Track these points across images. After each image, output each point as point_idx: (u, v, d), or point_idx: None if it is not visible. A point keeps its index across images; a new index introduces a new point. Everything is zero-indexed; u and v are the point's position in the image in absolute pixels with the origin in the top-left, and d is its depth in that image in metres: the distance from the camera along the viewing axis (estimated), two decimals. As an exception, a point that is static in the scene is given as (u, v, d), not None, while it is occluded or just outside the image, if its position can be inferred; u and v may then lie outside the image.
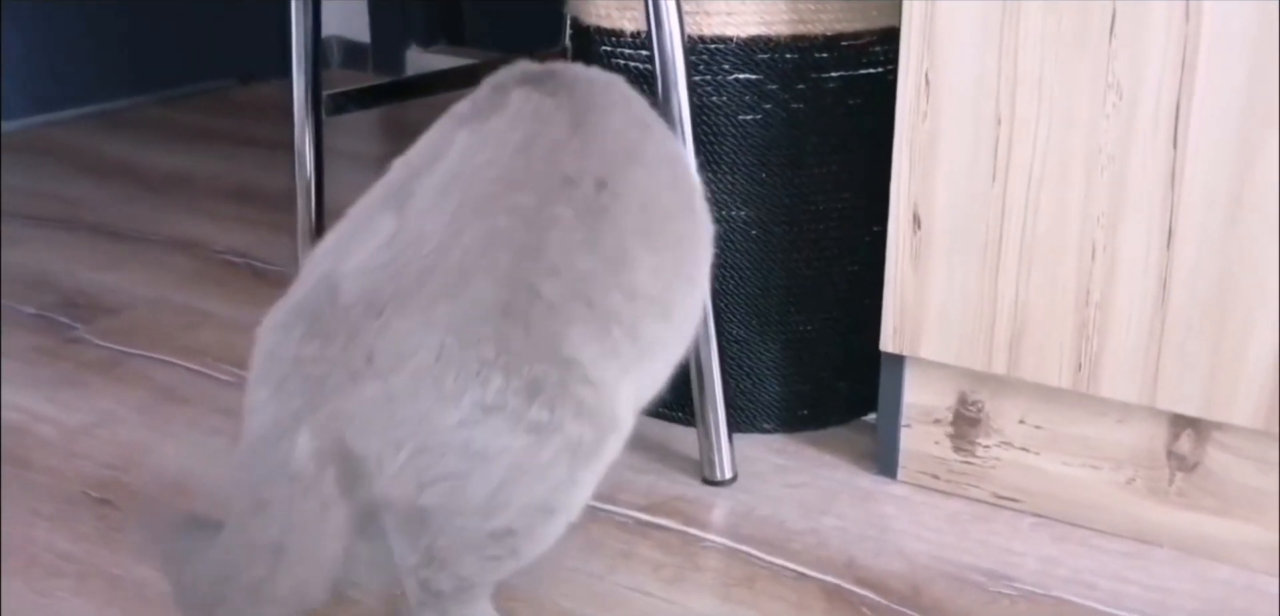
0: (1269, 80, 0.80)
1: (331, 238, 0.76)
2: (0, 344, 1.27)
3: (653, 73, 0.94)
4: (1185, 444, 0.92)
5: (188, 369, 1.22)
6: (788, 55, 1.00)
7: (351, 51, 2.53)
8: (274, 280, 1.44)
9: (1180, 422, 0.91)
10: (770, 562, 0.92)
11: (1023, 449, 0.98)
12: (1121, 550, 0.93)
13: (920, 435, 1.01)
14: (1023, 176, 0.89)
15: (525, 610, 0.86)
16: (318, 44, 1.15)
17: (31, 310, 1.36)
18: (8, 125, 2.08)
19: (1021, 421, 0.97)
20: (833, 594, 0.88)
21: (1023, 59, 0.86)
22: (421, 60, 2.23)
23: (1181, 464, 0.92)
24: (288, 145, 1.18)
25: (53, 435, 1.08)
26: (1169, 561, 0.92)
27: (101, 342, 1.28)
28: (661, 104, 0.95)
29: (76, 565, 0.90)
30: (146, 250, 1.55)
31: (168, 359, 1.24)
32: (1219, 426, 0.89)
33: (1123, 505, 0.95)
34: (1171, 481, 0.93)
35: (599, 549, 0.93)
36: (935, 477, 1.02)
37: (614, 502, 0.99)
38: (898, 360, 1.00)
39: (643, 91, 1.03)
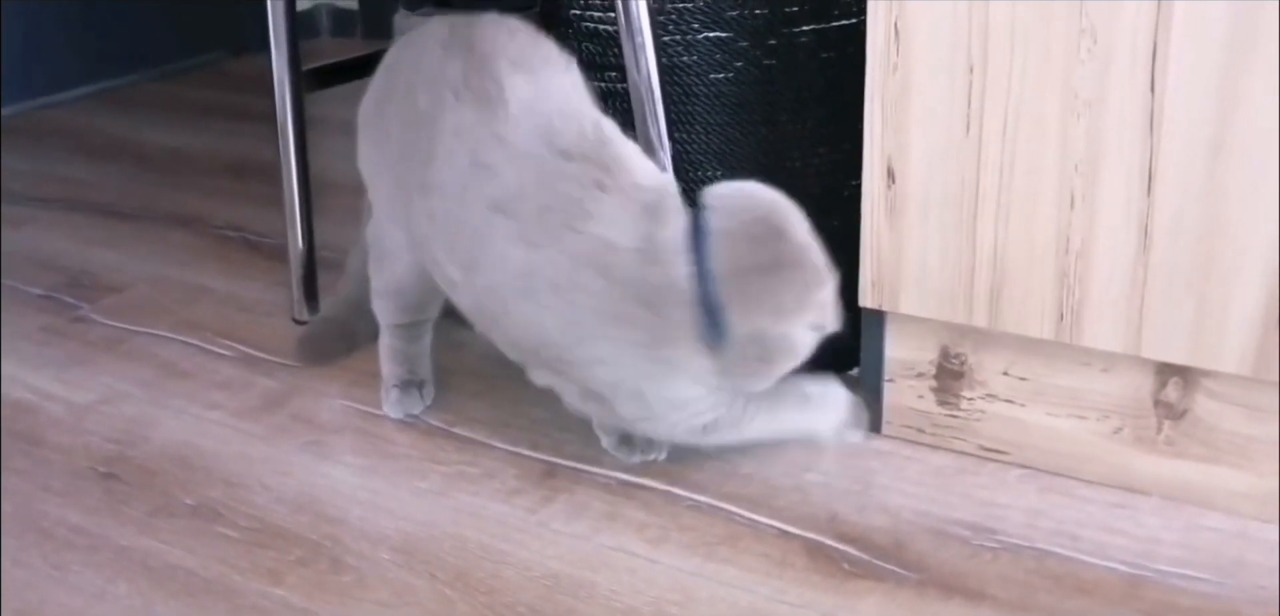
0: (1249, 20, 0.77)
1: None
2: (3, 323, 1.29)
3: (621, 33, 0.93)
4: (1172, 392, 0.90)
5: (187, 344, 1.24)
6: (757, 11, 0.98)
7: (340, 18, 2.52)
8: (269, 253, 1.45)
9: (1167, 371, 0.90)
10: (753, 520, 0.92)
11: (1007, 401, 0.97)
12: (1109, 500, 0.93)
13: (903, 389, 1.01)
14: (997, 125, 0.87)
15: (512, 573, 0.87)
16: (294, 21, 1.15)
17: (38, 291, 1.38)
18: (8, 109, 2.10)
19: (1005, 373, 0.96)
20: (815, 550, 0.89)
21: (994, 5, 0.84)
22: (410, 24, 2.22)
23: (1169, 412, 0.91)
24: (276, 118, 1.19)
25: (61, 413, 1.11)
26: (1157, 510, 0.91)
27: (106, 321, 1.30)
28: (630, 65, 0.95)
29: (86, 538, 0.93)
30: (147, 228, 1.57)
31: (169, 335, 1.26)
32: (1207, 373, 0.88)
33: (1110, 455, 0.94)
34: (1159, 430, 0.91)
35: (584, 510, 0.94)
36: (920, 432, 1.01)
37: (598, 464, 0.99)
38: (878, 315, 0.99)
39: (613, 53, 1.02)
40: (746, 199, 0.88)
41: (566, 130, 0.87)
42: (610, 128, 0.90)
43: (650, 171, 0.88)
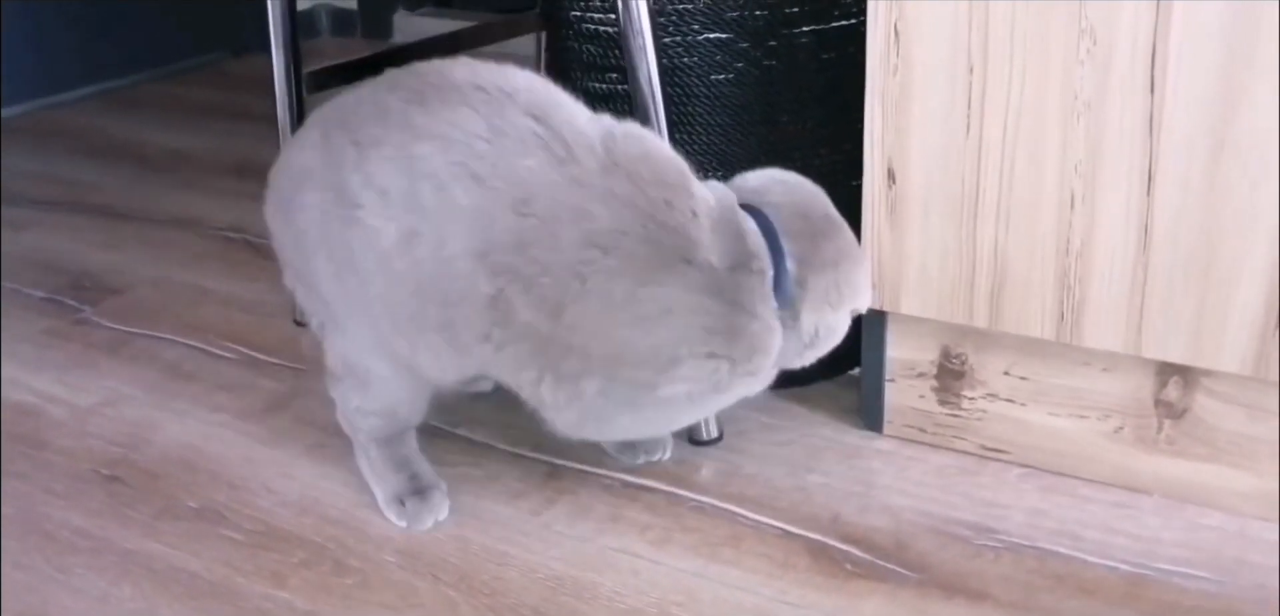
0: (1248, 21, 0.77)
1: None
2: (6, 326, 1.29)
3: (622, 35, 0.93)
4: (1173, 391, 0.90)
5: (190, 346, 1.24)
6: (758, 12, 0.98)
7: (340, 18, 2.53)
8: (271, 254, 1.44)
9: (1168, 370, 0.90)
10: (756, 521, 0.92)
11: (1008, 400, 0.97)
12: (1110, 500, 0.93)
13: (905, 389, 1.01)
14: (998, 126, 0.87)
15: (515, 574, 0.87)
16: (294, 23, 1.15)
17: (41, 293, 1.38)
18: (10, 110, 2.11)
19: (1006, 373, 0.96)
20: (817, 551, 0.89)
21: (994, 6, 0.84)
22: (409, 24, 2.22)
23: (1170, 412, 0.91)
24: (277, 119, 1.19)
25: (64, 416, 1.11)
26: (1158, 510, 0.91)
27: (108, 323, 1.30)
28: (631, 67, 0.95)
29: (90, 540, 0.93)
30: (149, 229, 1.57)
31: (172, 337, 1.26)
32: (1207, 373, 0.88)
33: (1111, 454, 0.94)
34: (1160, 430, 0.92)
35: (587, 512, 0.94)
36: (921, 431, 1.01)
37: (601, 466, 1.00)
38: (879, 315, 0.99)
39: (613, 55, 1.02)
40: (800, 193, 0.90)
41: (640, 160, 0.84)
42: (670, 149, 0.88)
43: (701, 183, 0.87)
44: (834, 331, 0.90)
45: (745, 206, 0.87)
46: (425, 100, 0.84)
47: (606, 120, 0.86)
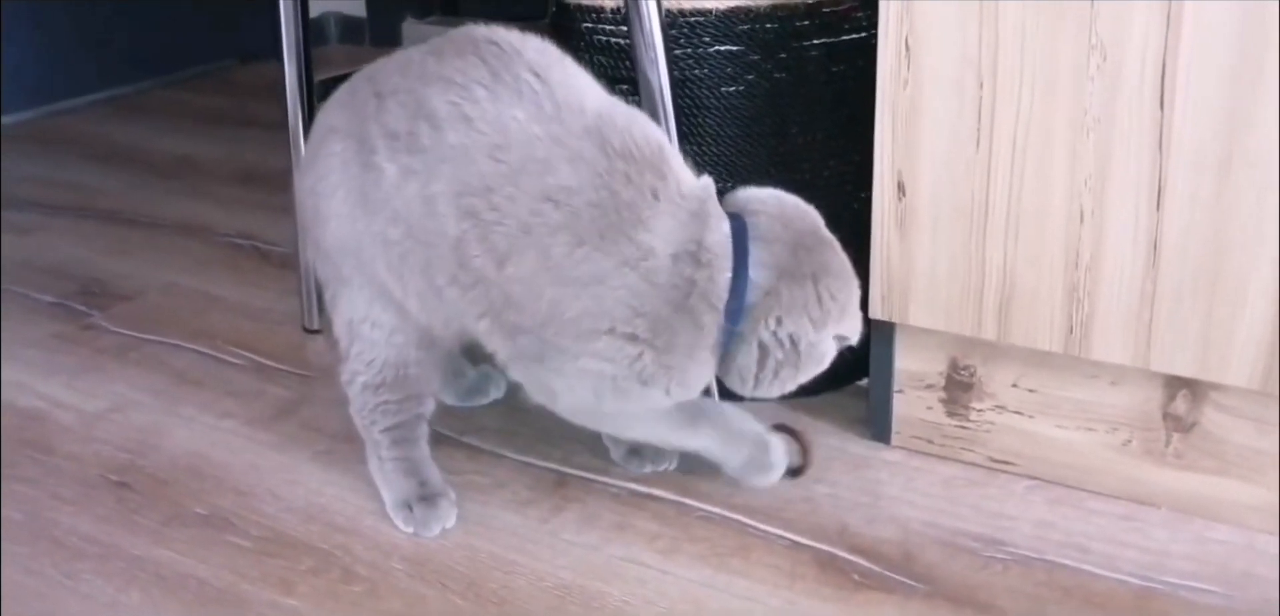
0: (1259, 37, 0.77)
1: None
2: (15, 332, 1.30)
3: (633, 47, 0.94)
4: (1181, 405, 0.90)
5: (198, 352, 1.24)
6: (768, 25, 0.99)
7: (348, 26, 2.54)
8: (279, 261, 1.46)
9: (1176, 384, 0.90)
10: (764, 531, 0.92)
11: (1017, 412, 0.97)
12: (1118, 513, 0.93)
13: (913, 400, 1.01)
14: (1007, 140, 0.87)
15: (523, 583, 0.87)
16: (307, 29, 1.16)
17: (50, 298, 1.39)
18: (19, 116, 2.11)
19: (1014, 385, 0.96)
20: (825, 562, 0.89)
21: (1004, 21, 0.85)
22: (417, 32, 2.23)
23: (1178, 425, 0.91)
24: (287, 125, 1.19)
25: (72, 421, 1.11)
26: (1166, 523, 0.91)
27: (117, 329, 1.30)
28: (641, 78, 0.95)
29: (98, 546, 0.93)
30: (157, 235, 1.57)
31: (180, 343, 1.26)
32: (1216, 387, 0.88)
33: (1119, 467, 0.94)
34: (1168, 443, 0.92)
35: (595, 520, 0.94)
36: (929, 442, 1.01)
37: (609, 474, 1.00)
38: (888, 326, 0.99)
39: (624, 67, 1.03)
40: (789, 206, 0.89)
41: (619, 131, 0.85)
42: (659, 132, 0.89)
43: (689, 175, 0.88)
44: (817, 351, 0.87)
45: (732, 213, 0.87)
46: (442, 52, 0.88)
47: (616, 102, 0.87)
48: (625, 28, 1.00)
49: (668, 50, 0.96)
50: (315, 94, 1.16)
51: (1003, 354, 0.96)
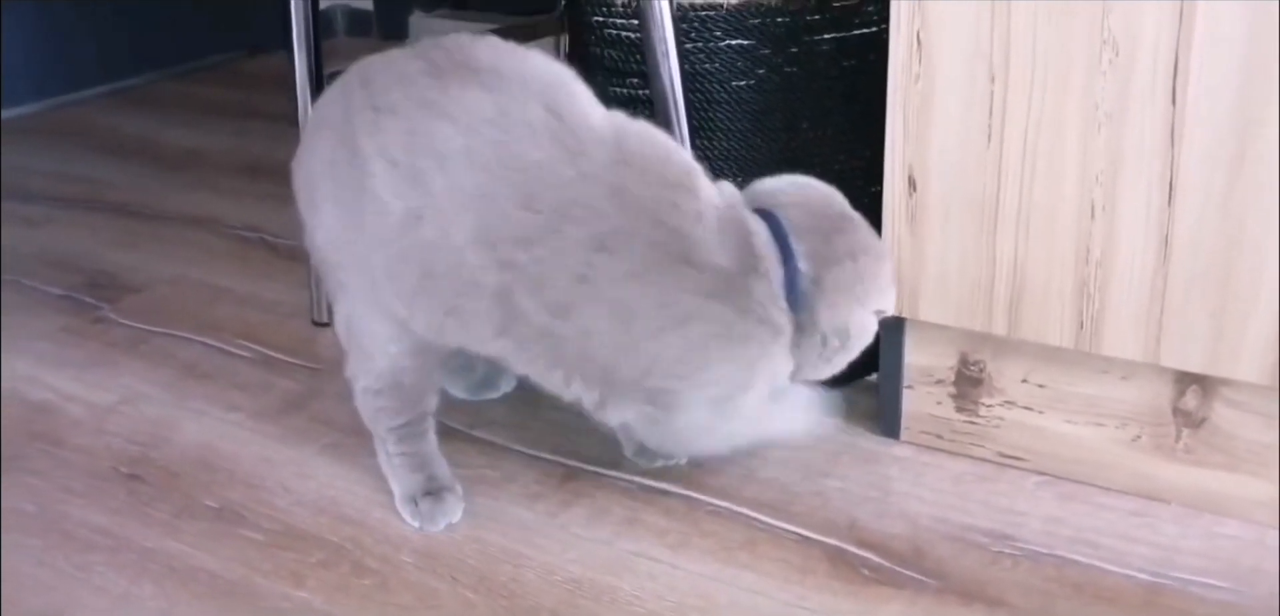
0: (1270, 33, 0.77)
1: None
2: (24, 324, 1.30)
3: (644, 41, 0.94)
4: (1191, 400, 0.90)
5: (207, 345, 1.24)
6: (779, 19, 0.99)
7: (356, 19, 2.54)
8: (287, 254, 1.46)
9: (1186, 379, 0.90)
10: (773, 526, 0.93)
11: (1026, 408, 0.97)
12: (1128, 508, 0.93)
13: (922, 396, 1.01)
14: (1018, 136, 0.87)
15: (533, 576, 0.88)
16: (317, 22, 1.16)
17: (59, 291, 1.39)
18: (27, 108, 2.11)
19: (1024, 381, 0.96)
20: (835, 556, 0.89)
21: (1016, 16, 0.85)
22: (425, 25, 2.23)
23: (1188, 420, 0.91)
24: (295, 118, 1.20)
25: (83, 414, 1.12)
26: (1176, 518, 0.91)
27: (126, 321, 1.30)
28: (652, 73, 0.95)
29: (110, 539, 0.93)
30: (165, 228, 1.58)
31: (189, 336, 1.27)
32: (1226, 382, 0.88)
33: (1128, 462, 0.94)
34: (1178, 438, 0.92)
35: (605, 515, 0.95)
36: (939, 438, 1.02)
37: (619, 468, 1.00)
38: (898, 321, 0.99)
39: (635, 60, 1.03)
40: (813, 193, 0.90)
41: (642, 156, 0.84)
42: (672, 142, 0.88)
43: (709, 183, 0.87)
44: (864, 329, 0.89)
45: (758, 210, 0.87)
46: (443, 75, 0.84)
47: (619, 116, 0.86)
48: (636, 22, 1.00)
49: (679, 44, 0.96)
50: (324, 87, 1.16)
51: (1013, 349, 0.96)
